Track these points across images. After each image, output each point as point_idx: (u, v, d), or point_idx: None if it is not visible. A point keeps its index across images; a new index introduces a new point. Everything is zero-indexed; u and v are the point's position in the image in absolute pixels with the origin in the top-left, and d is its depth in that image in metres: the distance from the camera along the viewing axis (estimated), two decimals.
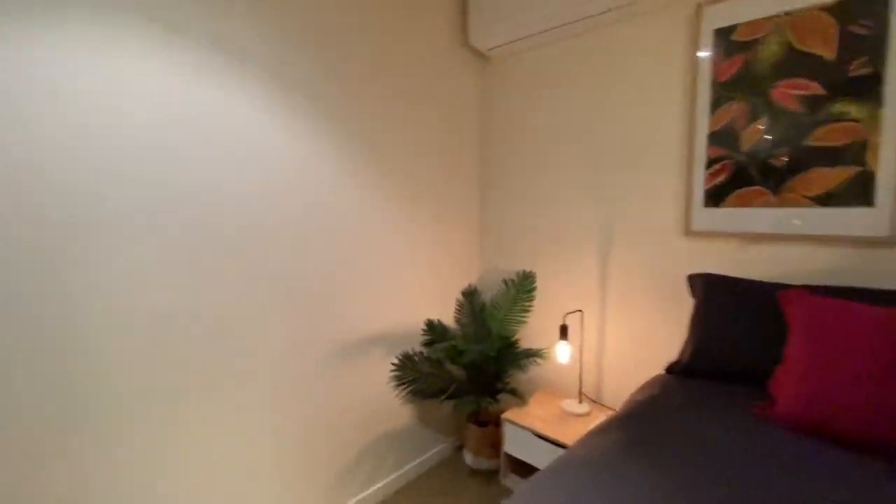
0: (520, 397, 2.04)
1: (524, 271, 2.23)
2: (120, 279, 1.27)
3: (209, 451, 1.49)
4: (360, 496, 1.97)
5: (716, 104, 1.66)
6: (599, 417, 1.87)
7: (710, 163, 1.68)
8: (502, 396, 2.10)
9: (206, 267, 1.44)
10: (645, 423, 1.17)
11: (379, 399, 2.04)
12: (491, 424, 2.20)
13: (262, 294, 1.58)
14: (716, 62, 1.66)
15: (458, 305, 2.38)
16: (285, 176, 1.62)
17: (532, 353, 1.99)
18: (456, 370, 2.23)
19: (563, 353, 1.88)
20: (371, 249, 1.93)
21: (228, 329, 1.51)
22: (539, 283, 2.27)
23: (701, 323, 1.48)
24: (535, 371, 2.32)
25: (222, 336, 1.49)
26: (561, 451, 1.75)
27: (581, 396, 1.99)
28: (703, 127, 1.69)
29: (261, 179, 1.55)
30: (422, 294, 2.21)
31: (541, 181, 2.23)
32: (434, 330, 2.23)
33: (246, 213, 1.52)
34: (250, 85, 1.50)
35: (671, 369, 1.51)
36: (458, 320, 2.39)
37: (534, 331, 2.33)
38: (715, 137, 1.66)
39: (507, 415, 1.95)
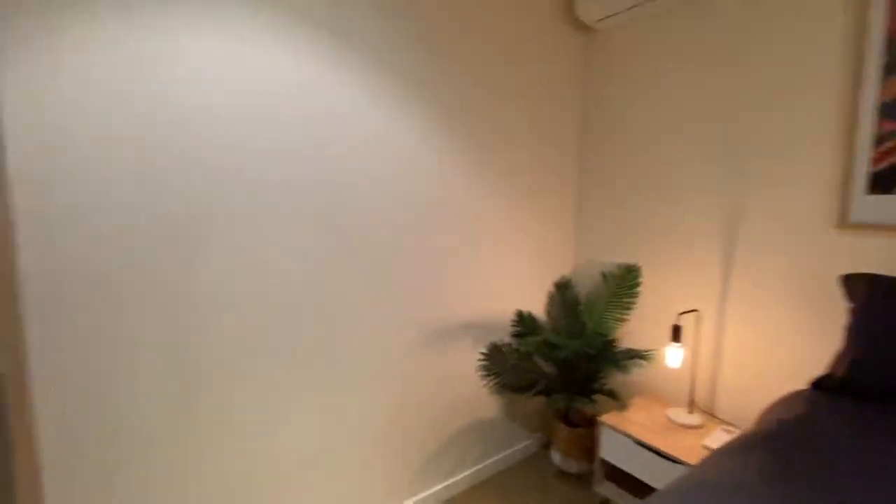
0: (618, 400, 1.88)
1: (627, 264, 2.04)
2: (231, 260, 1.34)
3: (301, 425, 1.54)
4: (446, 483, 1.96)
5: (892, 68, 1.35)
6: (714, 432, 1.65)
7: (880, 140, 1.38)
8: (597, 398, 1.95)
9: (307, 245, 1.48)
10: (797, 447, 0.98)
11: (466, 387, 2.00)
12: (582, 425, 2.06)
13: (358, 273, 1.60)
14: (893, 16, 1.35)
15: (550, 297, 2.26)
16: (383, 156, 1.61)
17: (635, 354, 1.82)
18: (545, 365, 2.12)
19: (674, 356, 1.68)
20: (462, 233, 1.88)
21: (326, 306, 1.54)
22: (644, 278, 2.06)
23: (863, 333, 1.22)
24: (634, 373, 2.13)
25: (320, 312, 1.53)
26: (667, 464, 1.58)
27: (692, 406, 1.78)
28: (872, 96, 1.39)
29: (361, 161, 1.55)
30: (511, 283, 2.12)
31: (651, 165, 2.01)
32: (524, 321, 2.14)
33: (345, 194, 1.54)
34: (352, 65, 1.49)
35: (820, 384, 1.27)
36: (548, 313, 2.27)
37: (633, 329, 2.14)
38: (889, 108, 1.36)
39: (605, 418, 1.80)
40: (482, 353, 2.02)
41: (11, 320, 1.04)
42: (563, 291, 2.21)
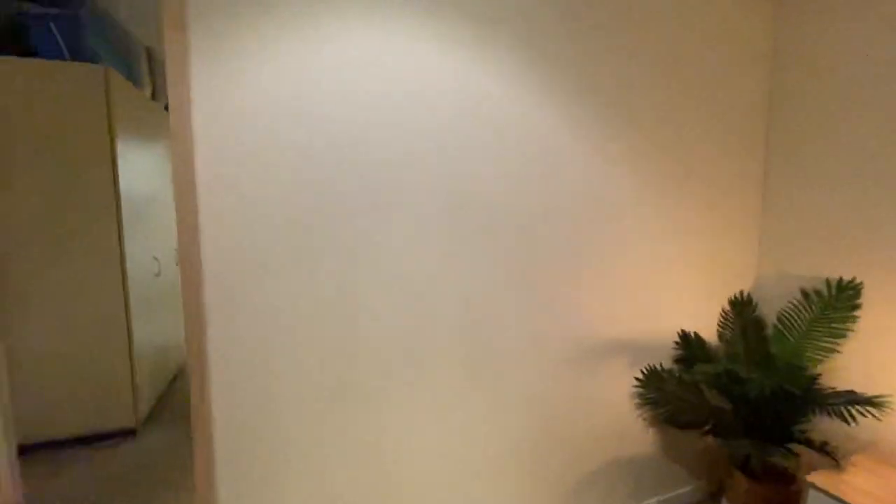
0: (831, 457, 1.45)
1: (840, 279, 1.58)
2: (391, 264, 1.31)
3: (442, 426, 1.46)
4: None
5: None
6: None
7: None
8: (795, 448, 1.53)
9: (458, 247, 1.39)
10: None
11: (617, 416, 1.74)
12: (769, 480, 1.65)
13: (509, 283, 1.47)
14: None
15: (723, 317, 1.87)
16: (542, 160, 1.46)
17: (861, 400, 1.37)
18: (715, 397, 1.75)
19: None
20: (619, 238, 1.63)
21: (472, 310, 1.44)
22: (866, 297, 1.58)
23: None
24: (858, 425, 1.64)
25: (467, 315, 1.43)
26: None
27: None
28: None
29: (513, 161, 1.42)
30: (675, 298, 1.79)
31: (879, 151, 1.53)
32: (690, 344, 1.80)
33: (504, 202, 1.43)
34: (501, 57, 1.37)
35: None
36: (720, 335, 1.88)
37: (844, 365, 1.65)
38: None
39: (816, 479, 1.39)
40: (638, 379, 1.74)
41: (197, 316, 1.12)
42: (741, 311, 1.80)
